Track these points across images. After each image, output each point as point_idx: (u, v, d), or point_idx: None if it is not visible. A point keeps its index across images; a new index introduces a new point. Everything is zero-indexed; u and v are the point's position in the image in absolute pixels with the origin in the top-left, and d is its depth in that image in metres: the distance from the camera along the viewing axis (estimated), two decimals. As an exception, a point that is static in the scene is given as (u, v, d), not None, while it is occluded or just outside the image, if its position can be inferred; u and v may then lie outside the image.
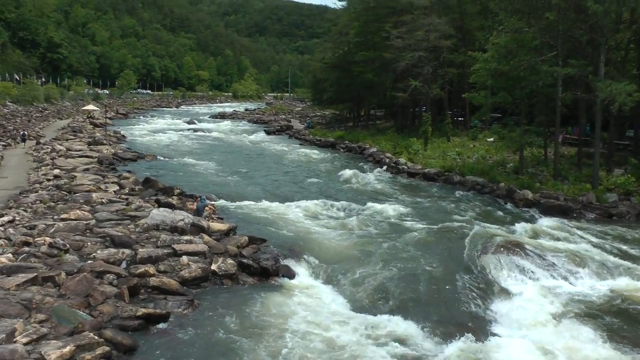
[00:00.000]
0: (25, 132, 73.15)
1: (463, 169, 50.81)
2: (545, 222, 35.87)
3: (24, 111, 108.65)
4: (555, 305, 23.14)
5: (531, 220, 36.97)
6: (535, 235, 32.50)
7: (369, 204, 39.81)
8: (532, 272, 26.44)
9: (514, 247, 28.43)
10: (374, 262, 27.04)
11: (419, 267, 26.43)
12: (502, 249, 28.12)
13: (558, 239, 31.76)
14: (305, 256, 27.30)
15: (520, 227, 34.22)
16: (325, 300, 23.15)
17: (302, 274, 25.89)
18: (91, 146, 66.64)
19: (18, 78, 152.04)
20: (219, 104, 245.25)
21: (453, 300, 23.42)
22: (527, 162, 49.57)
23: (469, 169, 50.15)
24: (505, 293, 24.43)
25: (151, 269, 22.98)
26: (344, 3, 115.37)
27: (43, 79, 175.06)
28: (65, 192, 37.57)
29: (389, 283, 24.55)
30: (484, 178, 47.35)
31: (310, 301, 22.90)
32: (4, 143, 66.48)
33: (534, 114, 54.47)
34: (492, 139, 62.56)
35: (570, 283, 25.89)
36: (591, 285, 25.67)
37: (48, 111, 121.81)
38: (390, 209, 38.03)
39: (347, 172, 53.91)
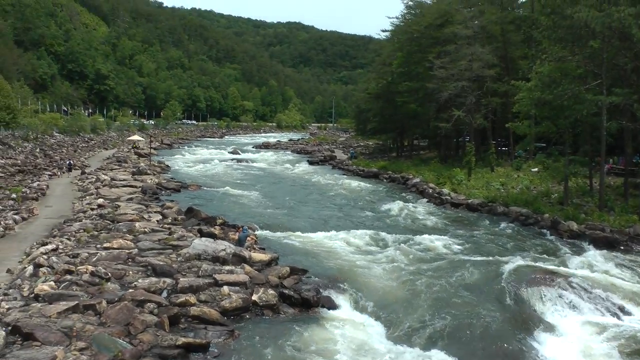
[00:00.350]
0: (72, 162, 74.66)
1: (507, 199, 50.30)
2: (591, 255, 35.03)
3: (70, 141, 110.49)
4: (604, 342, 22.64)
5: (577, 252, 36.11)
6: (581, 268, 31.88)
7: (412, 235, 39.55)
8: (579, 307, 25.87)
9: (560, 280, 27.88)
10: (418, 296, 26.60)
11: (465, 303, 25.86)
12: (548, 283, 27.62)
13: (605, 272, 31.09)
14: (348, 288, 26.94)
15: (566, 259, 33.62)
16: (368, 336, 22.76)
17: (345, 307, 25.56)
18: (135, 176, 67.40)
19: (66, 109, 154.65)
20: (263, 134, 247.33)
21: (501, 337, 22.77)
22: (572, 193, 48.91)
23: (513, 200, 49.63)
24: (553, 329, 23.90)
25: (192, 299, 23.10)
26: (387, 34, 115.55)
27: (90, 110, 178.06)
28: (108, 221, 38.04)
29: (433, 318, 24.06)
30: (528, 209, 46.77)
31: (352, 336, 22.57)
32: (49, 173, 67.58)
33: (579, 143, 53.83)
34: (536, 169, 61.98)
35: (619, 318, 25.26)
36: (640, 321, 24.99)
37: (94, 141, 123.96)
38: (434, 241, 37.62)
39: (390, 203, 53.82)
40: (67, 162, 74.85)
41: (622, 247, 37.33)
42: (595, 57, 43.56)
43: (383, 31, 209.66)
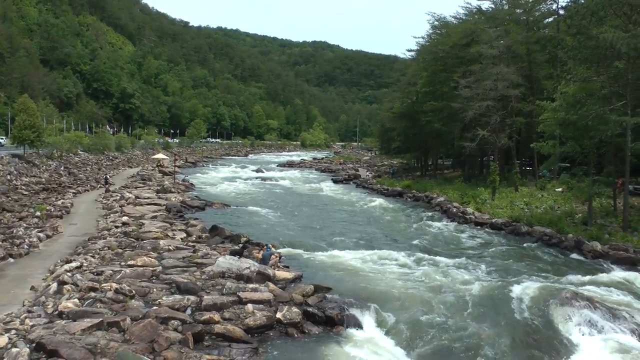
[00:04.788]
0: (108, 176, 78.10)
1: (531, 219, 50.18)
2: (615, 275, 34.90)
3: (94, 159, 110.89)
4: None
5: (600, 272, 35.85)
6: (605, 288, 31.63)
7: (436, 254, 39.57)
8: (603, 327, 25.56)
9: (584, 301, 27.55)
10: (444, 316, 26.28)
11: (490, 324, 25.58)
12: (571, 303, 27.24)
13: (628, 292, 30.93)
14: (372, 307, 26.65)
15: (589, 280, 33.37)
16: (392, 358, 22.70)
17: (369, 326, 25.35)
18: (160, 194, 67.79)
19: (90, 127, 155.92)
20: (287, 153, 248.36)
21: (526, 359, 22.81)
22: (596, 213, 48.60)
23: (537, 220, 49.49)
24: (577, 350, 23.73)
25: (216, 316, 23.15)
26: (413, 53, 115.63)
27: (115, 128, 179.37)
28: (133, 239, 38.34)
29: (458, 339, 23.88)
30: (551, 229, 46.62)
31: (376, 357, 22.48)
32: (74, 190, 68.11)
33: (603, 163, 53.59)
34: (560, 189, 61.67)
35: (642, 338, 25.03)
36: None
37: (118, 160, 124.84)
38: (458, 261, 37.44)
39: (414, 222, 53.80)
40: (104, 176, 78.66)
41: (646, 268, 37.02)
42: (620, 78, 43.42)
43: (408, 51, 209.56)
